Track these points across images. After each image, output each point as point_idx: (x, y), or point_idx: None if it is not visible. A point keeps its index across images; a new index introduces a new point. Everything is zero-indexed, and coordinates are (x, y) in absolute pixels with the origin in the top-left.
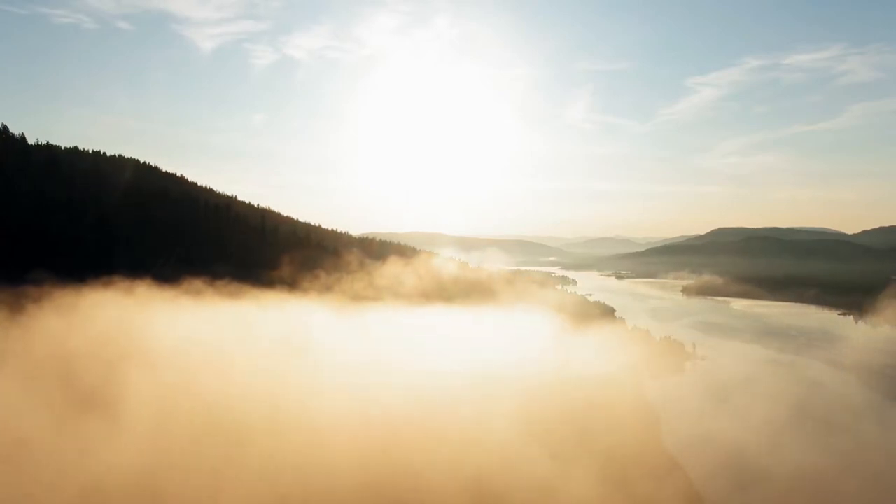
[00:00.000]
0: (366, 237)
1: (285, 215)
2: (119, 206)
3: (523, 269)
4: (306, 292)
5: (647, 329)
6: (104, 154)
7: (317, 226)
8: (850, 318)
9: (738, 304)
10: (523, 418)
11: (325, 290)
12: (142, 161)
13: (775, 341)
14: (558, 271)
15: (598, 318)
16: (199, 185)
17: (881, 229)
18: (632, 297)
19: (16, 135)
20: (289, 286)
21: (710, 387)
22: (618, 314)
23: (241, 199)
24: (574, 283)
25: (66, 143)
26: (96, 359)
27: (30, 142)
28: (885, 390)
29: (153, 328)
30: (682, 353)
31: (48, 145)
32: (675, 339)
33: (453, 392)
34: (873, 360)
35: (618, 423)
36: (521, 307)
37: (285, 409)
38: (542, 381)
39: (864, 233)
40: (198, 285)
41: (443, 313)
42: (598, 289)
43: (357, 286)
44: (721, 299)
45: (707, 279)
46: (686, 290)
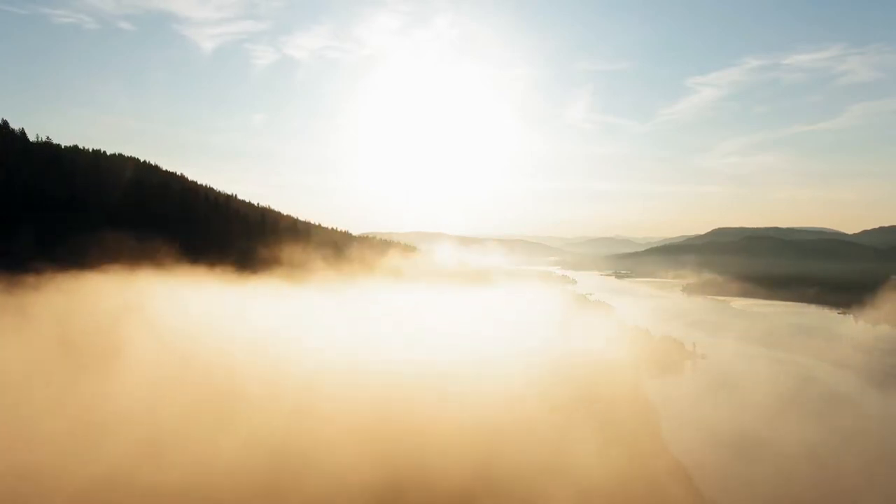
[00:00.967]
0: (365, 236)
1: (285, 214)
2: (118, 201)
3: (524, 268)
4: (304, 281)
5: (647, 328)
6: (104, 153)
7: (317, 224)
8: (850, 317)
9: (738, 303)
10: (524, 402)
11: (322, 279)
12: (142, 160)
13: (775, 340)
14: (558, 271)
15: (598, 316)
16: (199, 183)
17: (881, 229)
18: (632, 297)
19: (16, 130)
20: (288, 275)
21: (710, 385)
22: (618, 313)
23: (240, 197)
24: (574, 282)
25: (66, 143)
26: (101, 333)
27: (30, 138)
28: (885, 389)
29: (154, 309)
30: (683, 352)
31: (48, 141)
32: (675, 338)
33: (454, 374)
34: (872, 358)
35: (618, 417)
36: (521, 299)
37: (285, 386)
38: (543, 371)
39: (864, 232)
40: (197, 273)
41: (445, 299)
42: (598, 288)
43: (355, 276)
44: (721, 299)
45: (707, 279)
46: (686, 290)
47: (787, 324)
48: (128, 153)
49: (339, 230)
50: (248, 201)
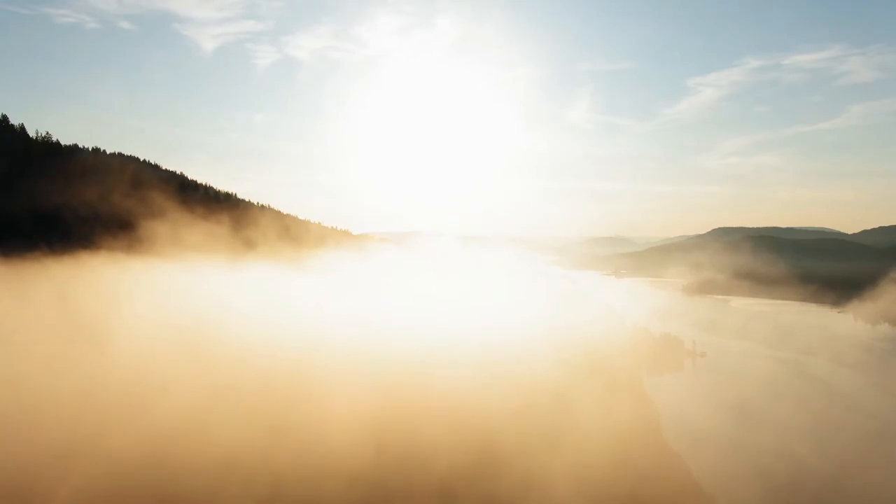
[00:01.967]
0: (366, 235)
1: (285, 213)
2: (116, 194)
3: (523, 266)
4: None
5: (647, 326)
6: (104, 152)
7: (317, 223)
8: (850, 315)
9: (738, 302)
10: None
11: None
12: (142, 159)
13: (775, 339)
14: (558, 269)
15: (597, 315)
16: (198, 181)
17: (881, 229)
18: (632, 296)
19: (15, 126)
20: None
21: (709, 382)
22: (618, 311)
23: (240, 196)
24: (574, 281)
25: (66, 142)
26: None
27: (30, 134)
28: (883, 387)
29: (155, 289)
30: (682, 350)
31: (48, 137)
32: (675, 337)
33: (456, 354)
34: (871, 356)
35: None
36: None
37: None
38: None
39: (864, 232)
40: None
41: (446, 291)
42: (597, 287)
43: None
44: (721, 298)
45: (707, 278)
46: (686, 289)
47: (787, 322)
48: (128, 152)
49: (338, 229)
50: (247, 199)
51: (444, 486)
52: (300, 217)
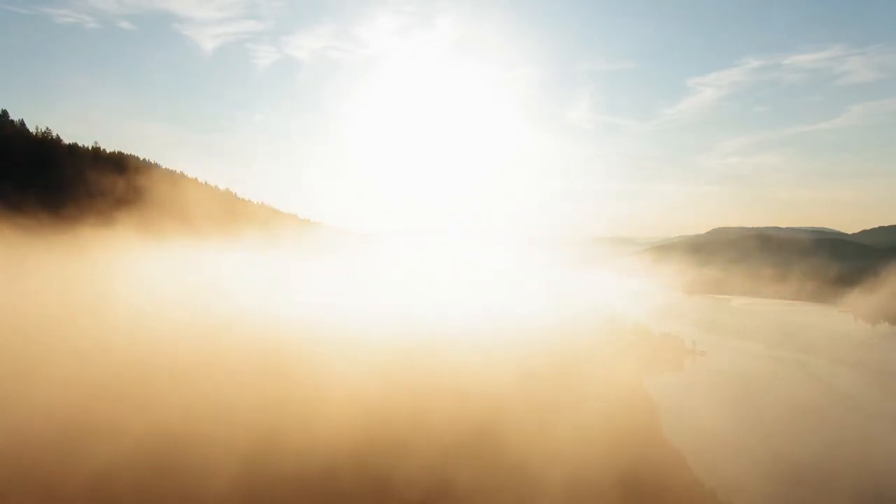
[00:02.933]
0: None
1: (284, 212)
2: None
3: (523, 265)
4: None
5: (648, 325)
6: (104, 150)
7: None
8: (850, 315)
9: (738, 301)
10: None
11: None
12: (141, 158)
13: (775, 338)
14: (558, 269)
15: (597, 314)
16: (197, 180)
17: (880, 228)
18: (632, 295)
19: (15, 121)
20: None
21: (708, 381)
22: (618, 311)
23: (240, 195)
24: (574, 280)
25: (66, 141)
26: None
27: (30, 129)
28: (883, 385)
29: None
30: (682, 349)
31: (47, 133)
32: (675, 336)
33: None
34: (871, 355)
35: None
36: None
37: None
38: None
39: (864, 232)
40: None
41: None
42: (597, 286)
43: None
44: (721, 297)
45: (707, 277)
46: (686, 289)
47: (787, 322)
48: (127, 151)
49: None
50: (246, 198)
51: (442, 460)
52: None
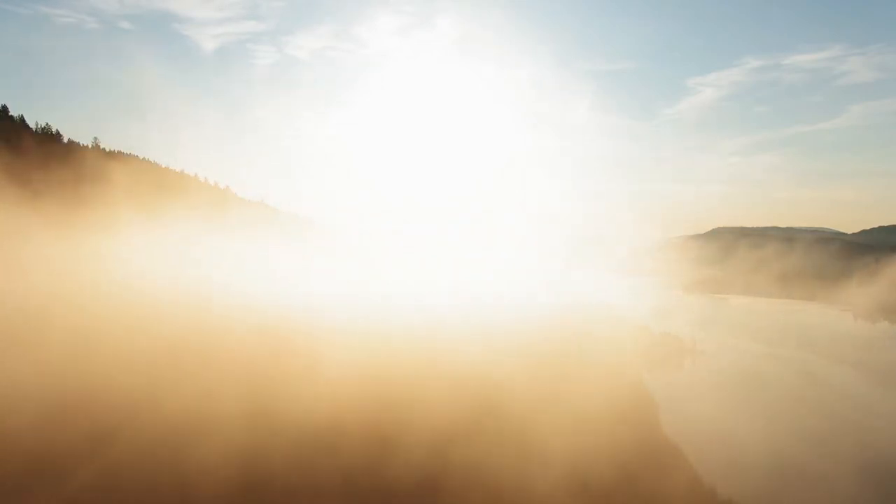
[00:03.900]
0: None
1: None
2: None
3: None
4: None
5: (648, 324)
6: (103, 149)
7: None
8: (849, 314)
9: (738, 300)
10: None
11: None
12: (141, 157)
13: (774, 337)
14: (558, 268)
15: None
16: (198, 178)
17: (880, 228)
18: (632, 294)
19: (14, 117)
20: None
21: (708, 378)
22: (618, 309)
23: (239, 195)
24: (574, 279)
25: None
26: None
27: (30, 125)
28: (881, 383)
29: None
30: (682, 347)
31: (47, 128)
32: (675, 334)
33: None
34: (870, 354)
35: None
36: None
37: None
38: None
39: (864, 232)
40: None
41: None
42: (597, 285)
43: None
44: (721, 296)
45: (707, 277)
46: (686, 288)
47: (787, 320)
48: (127, 150)
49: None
50: (245, 197)
51: (438, 442)
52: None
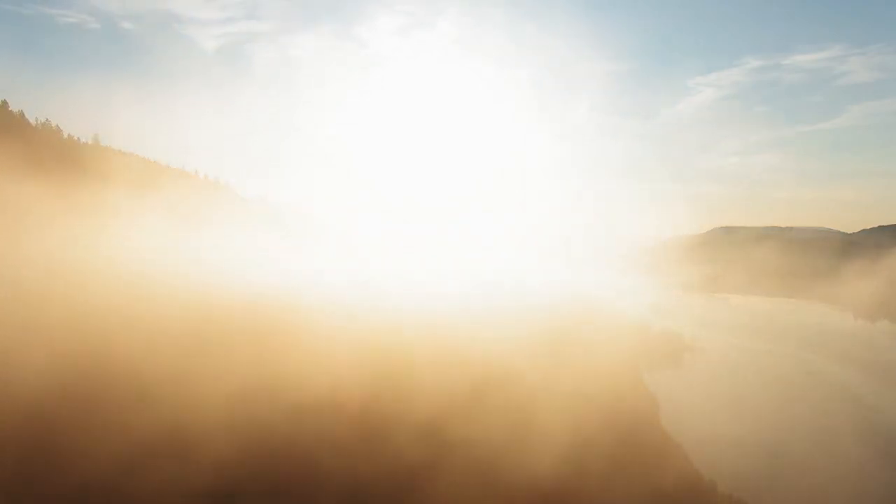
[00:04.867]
0: None
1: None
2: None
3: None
4: None
5: (648, 322)
6: (104, 145)
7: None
8: (849, 313)
9: (738, 300)
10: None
11: None
12: (140, 155)
13: (774, 335)
14: (558, 267)
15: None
16: (198, 174)
17: (880, 228)
18: (632, 293)
19: (14, 112)
20: None
21: (707, 375)
22: (618, 307)
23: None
24: (574, 277)
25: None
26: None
27: (30, 120)
28: (879, 380)
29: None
30: (682, 345)
31: (47, 123)
32: (675, 332)
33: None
34: (869, 352)
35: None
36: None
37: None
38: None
39: (864, 231)
40: None
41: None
42: (597, 284)
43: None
44: (720, 295)
45: (706, 276)
46: (686, 287)
47: (787, 320)
48: (127, 149)
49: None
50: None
51: (434, 421)
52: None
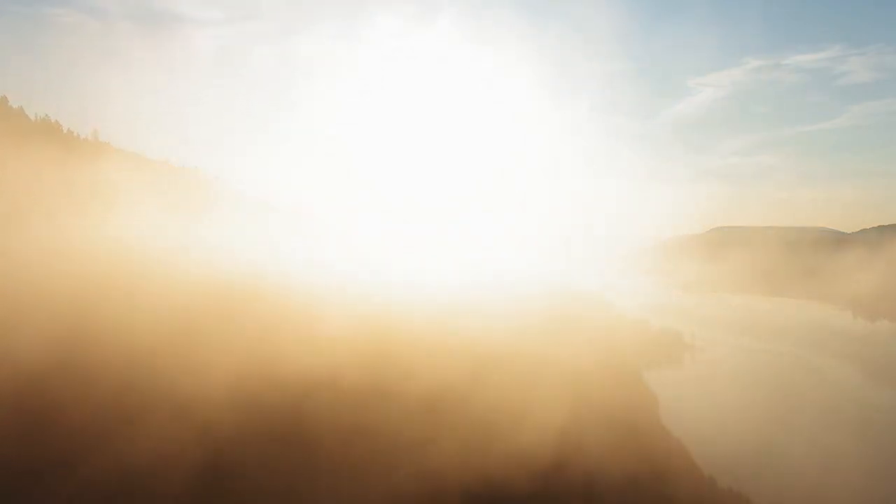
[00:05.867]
0: None
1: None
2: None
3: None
4: None
5: (647, 321)
6: (102, 141)
7: None
8: (849, 312)
9: (738, 299)
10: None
11: None
12: (139, 153)
13: (773, 334)
14: (558, 266)
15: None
16: (198, 170)
17: (880, 228)
18: (632, 292)
19: (14, 107)
20: None
21: (706, 373)
22: (618, 306)
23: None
24: (574, 277)
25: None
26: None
27: (29, 116)
28: (878, 378)
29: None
30: (681, 344)
31: (46, 118)
32: (675, 331)
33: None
34: (868, 351)
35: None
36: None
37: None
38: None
39: (863, 231)
40: None
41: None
42: (597, 284)
43: None
44: (721, 295)
45: (706, 276)
46: (686, 287)
47: (785, 318)
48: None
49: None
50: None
51: (433, 397)
52: None
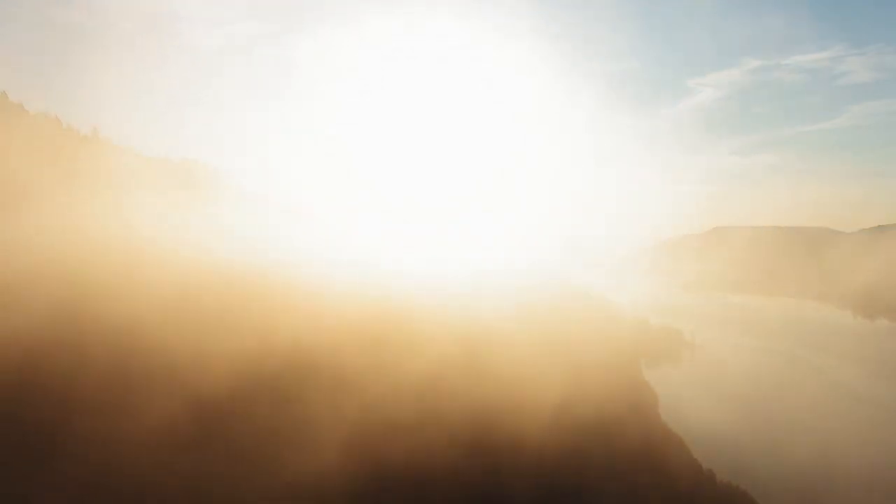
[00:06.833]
0: None
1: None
2: None
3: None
4: None
5: (647, 320)
6: (103, 137)
7: None
8: (848, 312)
9: (738, 299)
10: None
11: None
12: (138, 151)
13: (772, 333)
14: (558, 266)
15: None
16: (198, 164)
17: (879, 228)
18: (632, 292)
19: (14, 103)
20: None
21: (706, 371)
22: (618, 306)
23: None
24: (574, 277)
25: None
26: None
27: (29, 111)
28: (877, 377)
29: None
30: (681, 342)
31: (45, 113)
32: (675, 330)
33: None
34: (868, 350)
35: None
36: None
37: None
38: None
39: (863, 231)
40: None
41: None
42: (598, 283)
43: None
44: (720, 295)
45: (706, 275)
46: (686, 286)
47: (785, 318)
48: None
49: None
50: None
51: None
52: None
